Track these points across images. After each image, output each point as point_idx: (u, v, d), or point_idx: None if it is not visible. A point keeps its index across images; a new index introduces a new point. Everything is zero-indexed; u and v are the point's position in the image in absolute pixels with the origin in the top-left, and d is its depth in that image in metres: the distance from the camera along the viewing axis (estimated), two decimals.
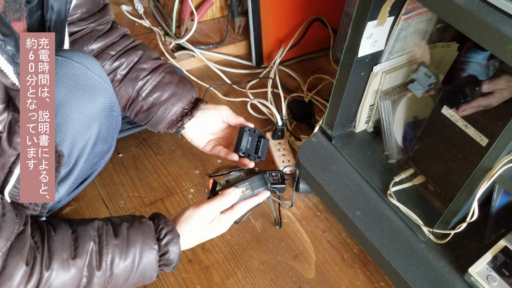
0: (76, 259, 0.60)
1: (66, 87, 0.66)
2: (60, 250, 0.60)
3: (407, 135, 0.92)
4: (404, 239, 0.82)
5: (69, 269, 0.59)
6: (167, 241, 0.67)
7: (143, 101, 0.85)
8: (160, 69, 0.86)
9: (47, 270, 0.58)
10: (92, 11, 0.80)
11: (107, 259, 0.62)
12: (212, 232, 0.75)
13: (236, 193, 0.75)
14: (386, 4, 0.74)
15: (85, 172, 0.83)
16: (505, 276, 0.73)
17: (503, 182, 0.66)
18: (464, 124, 0.75)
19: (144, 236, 0.65)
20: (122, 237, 0.64)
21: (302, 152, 0.96)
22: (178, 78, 0.87)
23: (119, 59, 0.84)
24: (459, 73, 0.82)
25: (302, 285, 0.89)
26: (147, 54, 0.86)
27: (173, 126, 0.87)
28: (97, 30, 0.82)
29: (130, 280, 0.65)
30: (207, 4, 1.39)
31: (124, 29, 0.88)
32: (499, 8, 0.57)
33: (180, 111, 0.86)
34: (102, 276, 0.62)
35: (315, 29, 1.36)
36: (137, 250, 0.64)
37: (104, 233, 0.63)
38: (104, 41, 0.83)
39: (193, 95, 0.88)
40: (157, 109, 0.85)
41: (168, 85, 0.85)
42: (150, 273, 0.66)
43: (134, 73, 0.84)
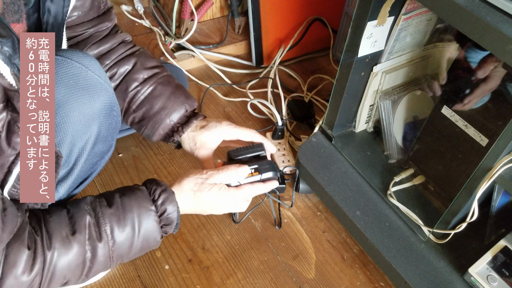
0: (76, 234, 0.60)
1: (65, 87, 0.66)
2: (58, 229, 0.60)
3: (407, 135, 0.93)
4: (404, 239, 0.82)
5: (71, 245, 0.60)
6: (163, 200, 0.67)
7: (134, 113, 0.82)
8: (153, 79, 0.82)
9: (49, 250, 0.58)
10: (91, 15, 0.77)
11: (106, 228, 0.63)
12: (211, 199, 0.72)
13: (244, 170, 0.73)
14: (386, 4, 0.74)
15: (85, 172, 0.83)
16: (505, 276, 0.73)
17: (503, 182, 0.66)
18: (464, 124, 0.75)
19: (138, 200, 0.66)
20: (117, 206, 0.64)
21: (302, 152, 0.96)
22: (170, 89, 0.82)
23: (111, 68, 0.80)
24: (459, 73, 0.82)
25: (302, 285, 0.89)
26: (141, 63, 0.82)
27: (166, 140, 0.84)
28: (93, 36, 0.79)
29: (135, 246, 0.65)
30: (207, 4, 1.39)
31: (123, 35, 0.84)
32: (499, 8, 0.57)
33: (170, 126, 0.82)
34: (105, 246, 0.62)
35: (315, 29, 1.36)
36: (135, 215, 0.65)
37: (97, 205, 0.64)
38: (99, 48, 0.80)
39: (187, 108, 0.82)
40: (147, 123, 0.81)
41: (158, 98, 0.81)
42: (153, 235, 0.67)
43: (125, 84, 0.80)
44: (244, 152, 0.76)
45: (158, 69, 0.84)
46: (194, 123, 0.81)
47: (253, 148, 0.77)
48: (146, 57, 0.84)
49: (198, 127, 0.81)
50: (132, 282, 0.86)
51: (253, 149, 0.77)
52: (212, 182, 0.72)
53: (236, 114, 1.22)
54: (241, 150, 0.77)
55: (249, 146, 0.78)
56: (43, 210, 0.63)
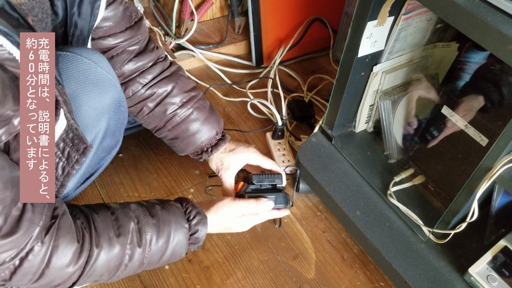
0: (121, 237, 0.65)
1: (76, 82, 0.67)
2: (106, 229, 0.64)
3: (407, 135, 0.92)
4: (404, 239, 0.82)
5: (115, 247, 0.64)
6: (197, 221, 0.72)
7: (168, 132, 0.87)
8: (190, 103, 0.86)
9: (97, 248, 0.62)
10: (123, 26, 0.77)
11: (147, 236, 0.67)
12: (238, 226, 0.81)
13: (269, 204, 0.81)
14: (386, 4, 0.74)
15: (93, 166, 0.83)
16: (505, 276, 0.73)
17: (503, 182, 0.66)
18: (464, 124, 0.75)
19: (176, 216, 0.71)
20: (158, 218, 0.69)
21: (302, 152, 0.96)
22: (205, 115, 0.87)
23: (150, 88, 0.83)
24: (459, 73, 0.82)
25: (302, 285, 0.89)
26: (179, 87, 0.85)
27: (194, 156, 0.90)
28: (128, 51, 0.80)
29: (164, 257, 0.70)
30: (207, 4, 1.39)
31: (159, 51, 0.86)
32: (499, 8, 0.57)
33: (201, 147, 0.88)
34: (142, 253, 0.67)
35: (315, 29, 1.36)
36: (171, 229, 0.69)
37: (141, 214, 0.69)
38: (136, 65, 0.81)
39: (217, 131, 0.88)
40: (180, 142, 0.87)
41: (194, 123, 0.86)
42: (180, 251, 0.71)
43: (163, 107, 0.84)
44: (266, 181, 0.84)
45: (194, 92, 0.88)
46: (223, 146, 0.88)
47: (273, 177, 0.84)
48: (183, 79, 0.87)
49: (227, 150, 0.88)
50: (132, 282, 0.86)
51: (272, 178, 0.84)
52: (242, 213, 0.79)
53: (236, 114, 1.22)
54: (263, 178, 0.84)
55: (270, 175, 0.85)
56: (88, 207, 0.67)
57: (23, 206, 0.55)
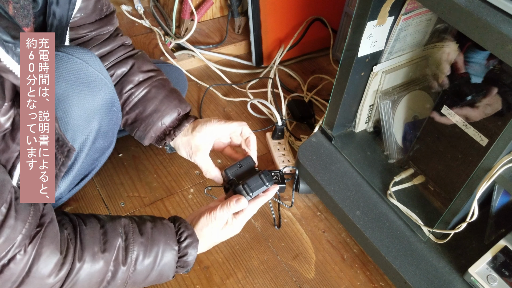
0: (105, 252, 0.62)
1: (66, 82, 0.67)
2: (91, 243, 0.62)
3: (407, 135, 0.92)
4: (404, 239, 0.82)
5: (98, 262, 0.62)
6: (187, 244, 0.69)
7: (127, 115, 0.81)
8: (148, 82, 0.81)
9: (79, 261, 0.60)
10: (93, 18, 0.77)
11: (133, 255, 0.65)
12: (226, 235, 0.75)
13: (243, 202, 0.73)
14: (386, 4, 0.74)
15: (86, 168, 0.83)
16: (505, 276, 0.73)
17: (503, 182, 0.66)
18: (464, 124, 0.75)
19: (166, 237, 0.68)
20: (147, 236, 0.66)
21: (302, 152, 0.96)
22: (164, 93, 0.82)
23: (109, 70, 0.80)
24: (459, 73, 0.82)
25: (302, 285, 0.89)
26: (137, 65, 0.81)
27: (158, 143, 0.83)
28: (95, 38, 0.79)
29: (149, 278, 0.67)
30: (207, 4, 1.39)
31: (124, 38, 0.84)
32: (499, 8, 0.57)
33: (162, 129, 0.81)
34: (126, 271, 0.64)
35: (315, 29, 1.36)
36: (160, 250, 0.67)
37: (130, 230, 0.66)
38: (100, 51, 0.80)
39: (179, 112, 0.81)
40: (139, 125, 0.81)
41: (152, 101, 0.80)
42: (167, 273, 0.69)
43: (120, 86, 0.80)
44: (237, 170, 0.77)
45: (154, 72, 0.83)
46: (186, 126, 0.80)
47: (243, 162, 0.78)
48: (144, 60, 0.83)
49: (190, 130, 0.80)
50: None
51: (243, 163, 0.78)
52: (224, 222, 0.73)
53: (236, 114, 1.22)
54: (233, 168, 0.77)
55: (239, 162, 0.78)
56: (77, 217, 0.65)
57: (6, 212, 0.54)
